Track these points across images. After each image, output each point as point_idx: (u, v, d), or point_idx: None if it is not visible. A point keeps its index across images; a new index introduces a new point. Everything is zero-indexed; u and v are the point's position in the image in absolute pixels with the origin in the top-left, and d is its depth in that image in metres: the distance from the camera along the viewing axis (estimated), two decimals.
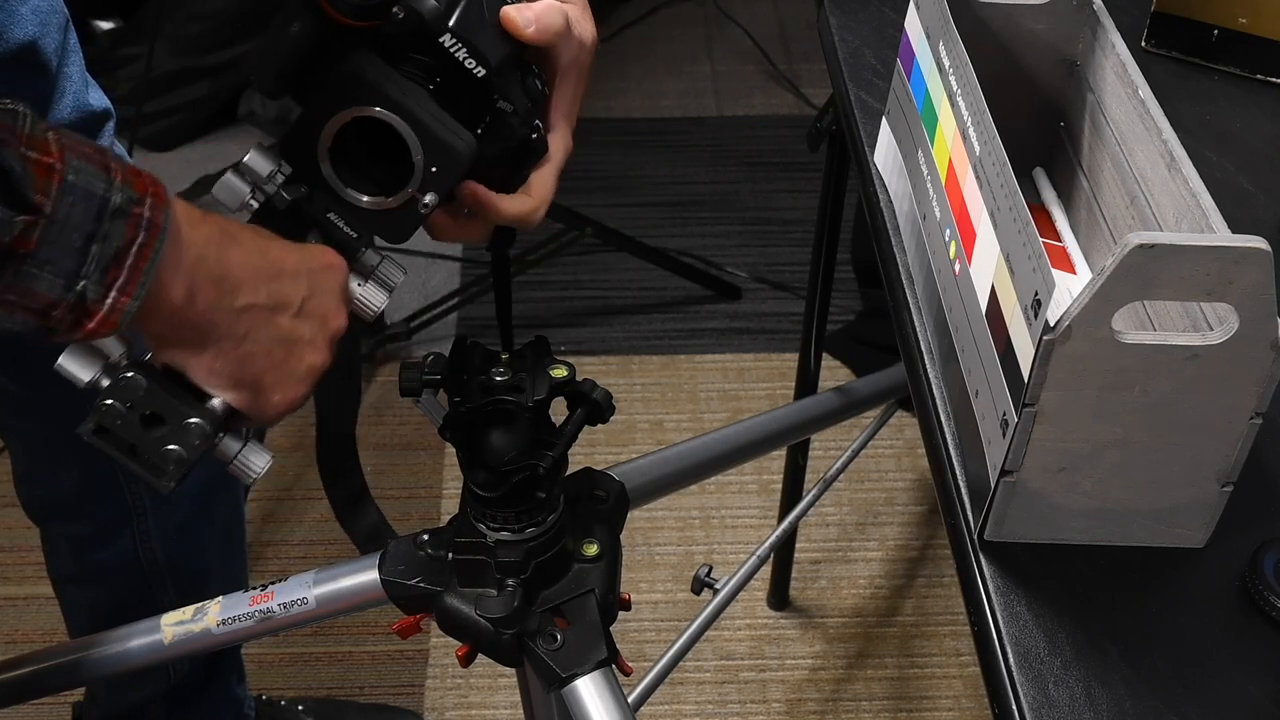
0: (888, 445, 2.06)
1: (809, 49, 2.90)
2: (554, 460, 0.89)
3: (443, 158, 0.76)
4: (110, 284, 0.63)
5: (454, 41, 0.77)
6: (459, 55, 0.77)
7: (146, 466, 0.73)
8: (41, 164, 0.60)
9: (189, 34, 2.52)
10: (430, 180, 0.77)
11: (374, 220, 0.79)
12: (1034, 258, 0.75)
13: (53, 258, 0.61)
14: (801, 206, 2.50)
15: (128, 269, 0.63)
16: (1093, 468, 0.77)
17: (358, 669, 1.79)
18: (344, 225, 0.79)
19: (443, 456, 2.04)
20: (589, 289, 2.34)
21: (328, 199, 0.79)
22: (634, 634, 1.81)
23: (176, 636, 1.07)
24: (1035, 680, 0.75)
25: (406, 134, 0.76)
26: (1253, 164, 1.08)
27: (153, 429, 0.72)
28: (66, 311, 0.62)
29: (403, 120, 0.76)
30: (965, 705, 1.75)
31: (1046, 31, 0.98)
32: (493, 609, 0.90)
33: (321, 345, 0.74)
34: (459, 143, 0.76)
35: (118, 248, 0.63)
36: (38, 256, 0.60)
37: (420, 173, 0.76)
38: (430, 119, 0.76)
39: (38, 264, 0.60)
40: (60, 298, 0.62)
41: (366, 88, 0.76)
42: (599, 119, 2.73)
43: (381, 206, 0.78)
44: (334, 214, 0.79)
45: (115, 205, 0.63)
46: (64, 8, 1.04)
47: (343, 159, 0.78)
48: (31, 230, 0.60)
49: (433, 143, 0.76)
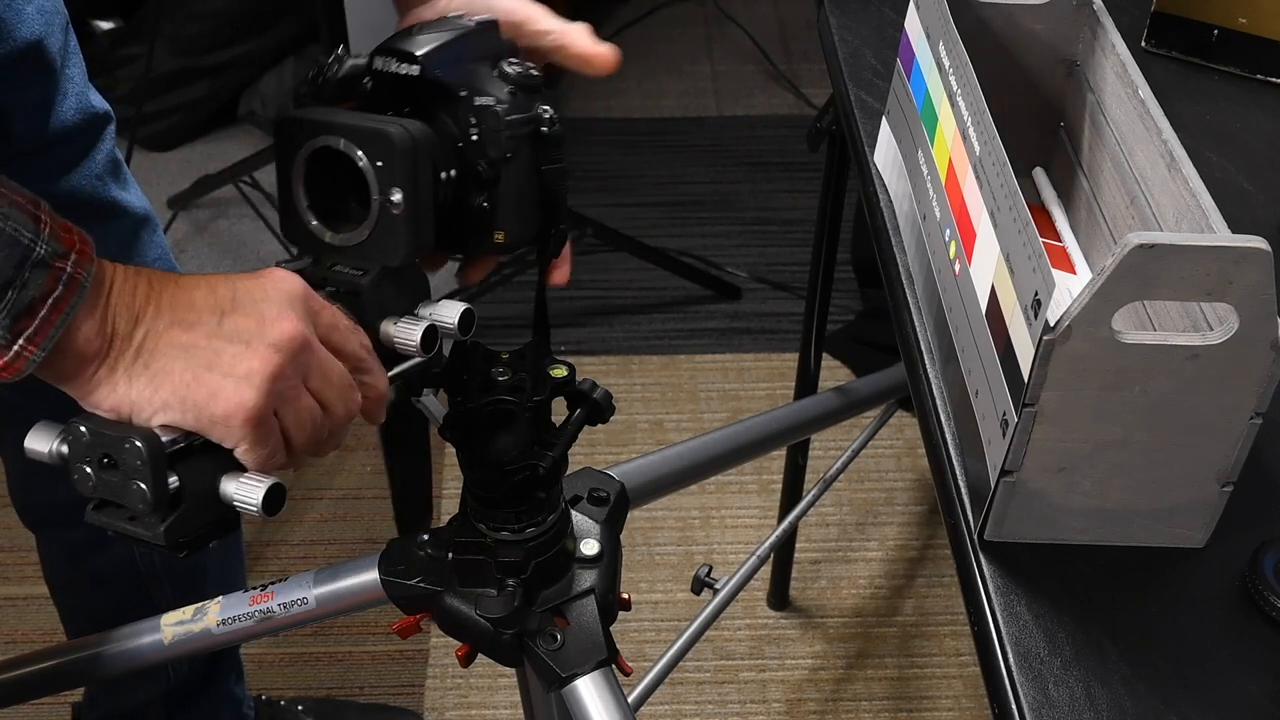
0: (888, 445, 2.06)
1: (809, 49, 2.90)
2: (554, 460, 0.89)
3: (381, 146, 0.75)
4: (19, 332, 0.63)
5: (381, 59, 0.79)
6: (390, 68, 0.79)
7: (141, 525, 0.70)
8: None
9: (189, 34, 2.52)
10: (385, 175, 0.76)
11: (370, 251, 0.78)
12: (1034, 258, 0.75)
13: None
14: (801, 206, 2.50)
15: (40, 319, 0.64)
16: (1093, 468, 0.77)
17: (358, 669, 1.79)
18: (350, 269, 0.78)
19: (443, 456, 2.04)
20: (589, 289, 2.34)
21: (330, 255, 0.79)
22: (634, 634, 1.81)
23: (176, 636, 1.07)
24: (1035, 680, 0.75)
25: (342, 144, 0.76)
26: (1253, 164, 1.08)
27: (112, 474, 0.69)
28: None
29: (332, 133, 0.76)
30: (965, 705, 1.75)
31: (1046, 31, 0.98)
32: (493, 609, 0.90)
33: (260, 349, 0.69)
34: (390, 126, 0.75)
35: (33, 298, 0.63)
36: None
37: (372, 173, 0.76)
38: (359, 120, 0.76)
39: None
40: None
41: (296, 126, 0.77)
42: (599, 119, 2.73)
43: (366, 234, 0.77)
44: (340, 265, 0.79)
45: (38, 256, 0.63)
46: (64, 8, 1.04)
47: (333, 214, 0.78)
48: None
49: (366, 138, 0.75)
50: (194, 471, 0.70)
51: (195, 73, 2.57)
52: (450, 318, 0.81)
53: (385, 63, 0.79)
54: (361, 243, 0.78)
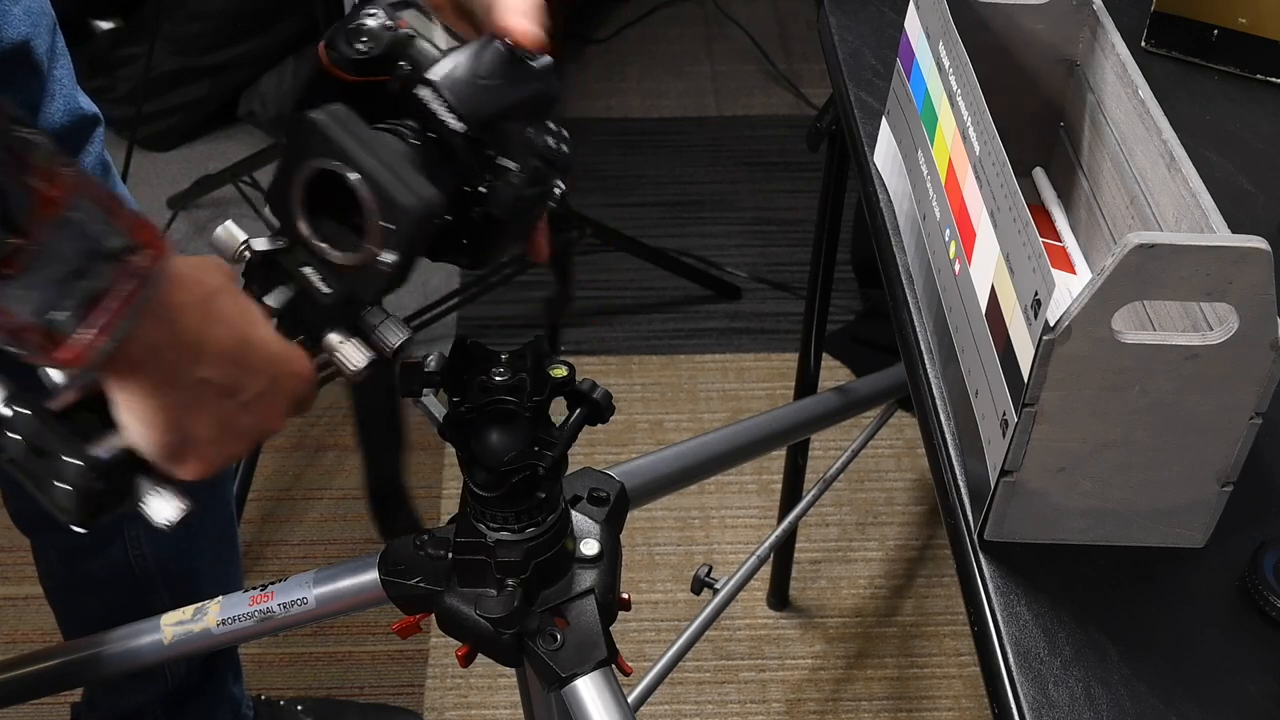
0: (888, 445, 2.06)
1: (809, 49, 2.90)
2: (554, 460, 0.89)
3: (395, 213, 0.72)
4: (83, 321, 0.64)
5: (432, 94, 0.76)
6: (436, 109, 0.76)
7: (53, 504, 0.72)
8: (45, 196, 0.62)
9: (189, 34, 2.52)
10: (389, 236, 0.73)
11: (345, 278, 0.76)
12: (1034, 258, 0.75)
13: (36, 284, 0.63)
14: (801, 206, 2.50)
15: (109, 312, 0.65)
16: (1092, 468, 0.77)
17: (358, 669, 1.79)
18: (319, 280, 0.76)
19: (443, 456, 2.04)
20: (589, 289, 2.34)
21: (303, 252, 0.76)
22: (634, 634, 1.81)
23: (176, 636, 1.07)
24: (1035, 680, 0.75)
25: (359, 188, 0.72)
26: (1253, 164, 1.08)
27: (43, 463, 0.71)
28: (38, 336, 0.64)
29: (354, 173, 0.72)
30: (965, 705, 1.75)
31: (1046, 31, 0.98)
32: (493, 609, 0.90)
33: (249, 440, 0.74)
34: (410, 199, 0.72)
35: (102, 289, 0.64)
36: (21, 280, 0.62)
37: (376, 228, 0.73)
38: (383, 172, 0.72)
39: (20, 287, 0.62)
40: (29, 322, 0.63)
41: (320, 139, 0.73)
42: (599, 119, 2.73)
43: (344, 262, 0.75)
44: (310, 268, 0.76)
45: (110, 249, 0.64)
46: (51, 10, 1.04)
47: (324, 212, 0.75)
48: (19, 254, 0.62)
49: (383, 197, 0.72)
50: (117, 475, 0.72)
51: (195, 73, 2.57)
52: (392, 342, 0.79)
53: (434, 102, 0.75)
54: (339, 265, 0.76)
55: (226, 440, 0.74)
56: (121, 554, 1.32)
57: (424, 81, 0.76)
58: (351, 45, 0.76)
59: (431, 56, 0.77)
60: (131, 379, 0.69)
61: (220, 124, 2.67)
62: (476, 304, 2.26)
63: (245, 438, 0.75)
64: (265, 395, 0.73)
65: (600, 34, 2.95)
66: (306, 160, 0.74)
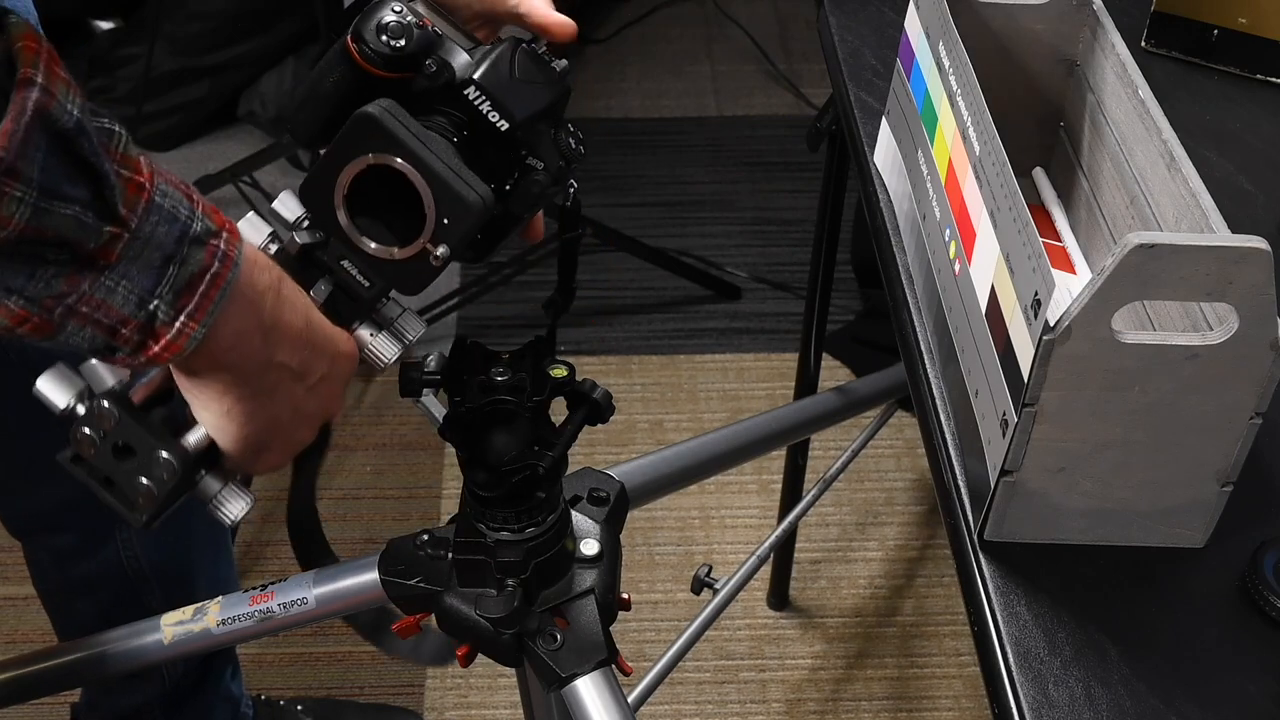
0: (888, 445, 2.06)
1: (809, 49, 2.90)
2: (554, 460, 0.89)
3: (456, 210, 0.74)
4: (181, 308, 0.64)
5: (477, 94, 0.77)
6: (482, 108, 0.77)
7: (120, 499, 0.72)
8: (133, 181, 0.62)
9: (189, 34, 2.52)
10: (443, 232, 0.75)
11: (387, 270, 0.77)
12: (1034, 258, 0.75)
13: (130, 274, 0.62)
14: (801, 206, 2.50)
15: (199, 296, 0.64)
16: (1093, 468, 0.77)
17: (358, 669, 1.79)
18: (357, 274, 0.78)
19: (443, 456, 2.04)
20: (589, 289, 2.34)
21: (342, 246, 0.77)
22: (634, 634, 1.81)
23: (176, 636, 1.07)
24: (1035, 680, 0.75)
25: (420, 184, 0.74)
26: (1253, 164, 1.08)
27: (124, 460, 0.71)
28: (135, 330, 0.64)
29: (416, 170, 0.74)
30: (965, 705, 1.75)
31: (1046, 31, 0.98)
32: (493, 609, 0.90)
33: (316, 424, 0.75)
34: (472, 196, 0.74)
35: (192, 273, 0.64)
36: (116, 270, 0.62)
37: (432, 224, 0.75)
38: (445, 170, 0.74)
39: (115, 277, 0.62)
40: (132, 315, 0.63)
41: (382, 134, 0.74)
42: (599, 119, 2.73)
43: (394, 256, 0.76)
44: (348, 262, 0.78)
45: (195, 233, 0.64)
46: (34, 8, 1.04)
47: (360, 206, 0.77)
48: (115, 243, 0.61)
49: (446, 194, 0.74)
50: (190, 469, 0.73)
51: (195, 73, 2.57)
52: (412, 335, 0.81)
53: (479, 99, 0.77)
54: (384, 261, 0.77)
55: (299, 426, 0.74)
56: (114, 556, 1.32)
57: (469, 81, 0.77)
58: (383, 41, 0.76)
59: (460, 56, 0.78)
60: (215, 370, 0.69)
61: (220, 124, 2.67)
62: (476, 304, 2.26)
63: (312, 422, 0.75)
64: (328, 378, 0.74)
65: (600, 34, 2.95)
66: (361, 154, 0.75)
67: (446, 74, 0.77)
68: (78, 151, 0.59)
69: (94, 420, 0.71)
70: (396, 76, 0.77)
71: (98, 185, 0.60)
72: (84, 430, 0.72)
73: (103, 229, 0.60)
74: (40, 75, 0.57)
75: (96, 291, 0.62)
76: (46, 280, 0.60)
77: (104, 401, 0.71)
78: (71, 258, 0.61)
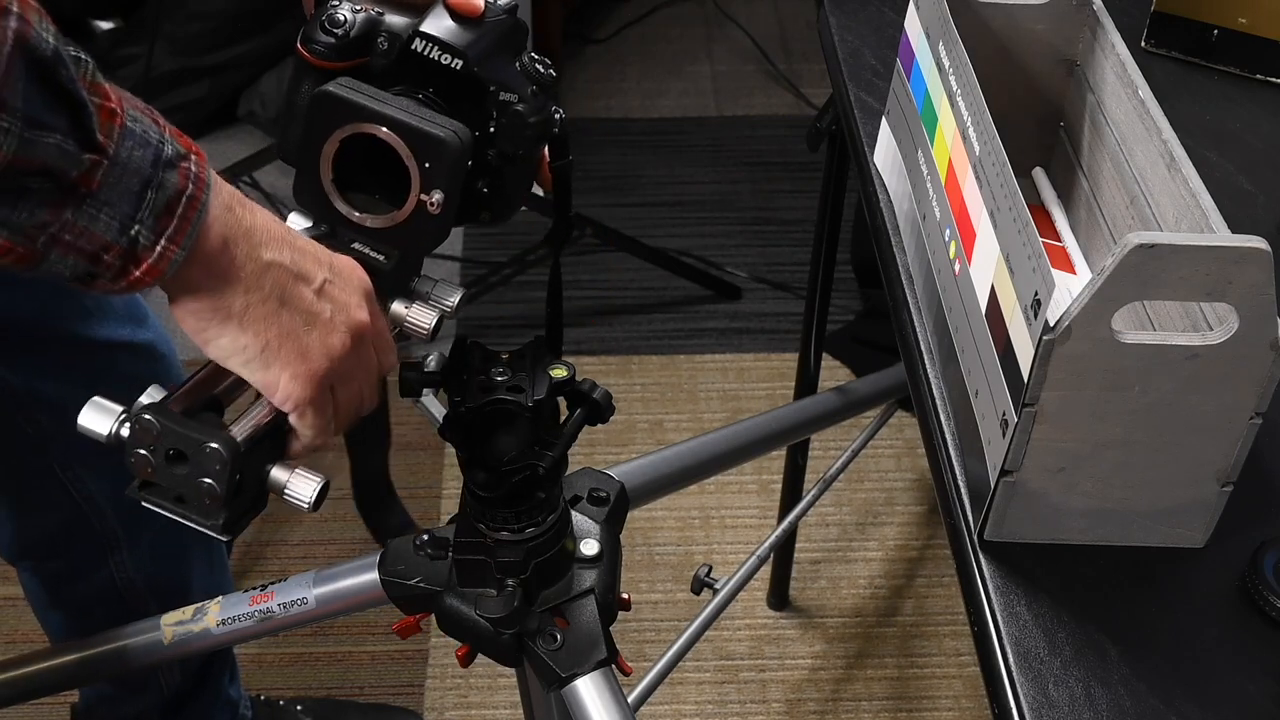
0: (888, 445, 2.06)
1: (809, 49, 2.90)
2: (554, 460, 0.89)
3: (432, 150, 0.76)
4: (161, 231, 0.65)
5: (424, 44, 0.79)
6: (432, 55, 0.79)
7: (197, 511, 0.73)
8: (105, 108, 0.62)
9: (189, 34, 2.52)
10: (429, 178, 0.76)
11: (397, 238, 0.79)
12: (1034, 258, 0.75)
13: (112, 200, 0.62)
14: (801, 206, 2.50)
15: (178, 218, 0.65)
16: (1093, 468, 0.77)
17: (358, 669, 1.79)
18: (371, 251, 0.79)
19: (443, 456, 2.04)
20: (589, 289, 2.34)
21: (349, 231, 0.79)
22: (634, 634, 1.81)
23: (176, 636, 1.07)
24: (1035, 680, 0.75)
25: (391, 139, 0.76)
26: (1253, 164, 1.08)
27: (179, 466, 0.72)
28: (117, 256, 0.64)
29: (384, 125, 0.76)
30: (965, 705, 1.75)
31: (1046, 31, 0.98)
32: (493, 609, 0.90)
33: (341, 329, 0.74)
34: (443, 131, 0.76)
35: (169, 197, 0.64)
36: (98, 197, 0.62)
37: (417, 173, 0.76)
38: (410, 117, 0.76)
39: (97, 205, 0.62)
40: (114, 240, 0.63)
41: (342, 106, 0.76)
42: (599, 119, 2.73)
43: (396, 222, 0.78)
44: (359, 243, 0.79)
45: (168, 156, 0.65)
46: None
47: (352, 186, 0.78)
48: (95, 170, 0.61)
49: (417, 138, 0.76)
50: (251, 465, 0.73)
51: (195, 73, 2.57)
52: (450, 301, 0.82)
53: (428, 48, 0.79)
54: (389, 228, 0.78)
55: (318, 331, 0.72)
56: (106, 578, 1.31)
57: (414, 35, 0.79)
58: (327, 30, 0.79)
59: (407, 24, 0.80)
60: (211, 284, 0.68)
61: (220, 124, 2.67)
62: (476, 304, 2.26)
63: (335, 328, 0.73)
64: (332, 281, 0.74)
65: (600, 34, 2.95)
66: (331, 132, 0.76)
67: (398, 43, 0.79)
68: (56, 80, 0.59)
69: (140, 437, 0.72)
70: (353, 64, 0.79)
71: (76, 113, 0.60)
72: (138, 452, 0.72)
73: (82, 157, 0.61)
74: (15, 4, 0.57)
75: (79, 219, 0.62)
76: (30, 210, 0.60)
77: (145, 415, 0.72)
78: (54, 187, 0.61)
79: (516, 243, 2.30)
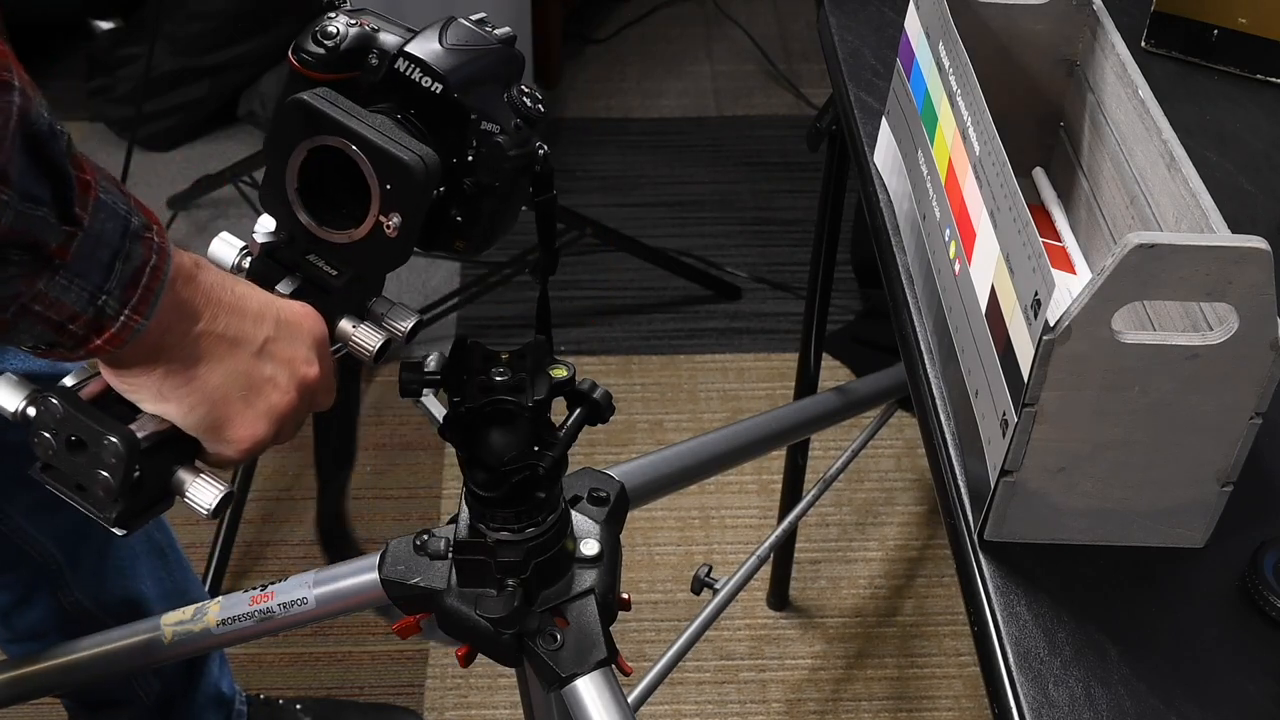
0: (888, 445, 2.06)
1: (809, 49, 2.90)
2: (554, 460, 0.89)
3: (396, 173, 0.75)
4: (126, 301, 0.65)
5: (408, 64, 0.78)
6: (414, 76, 0.78)
7: (92, 502, 0.72)
8: (81, 179, 0.63)
9: (189, 34, 2.52)
10: (390, 200, 0.75)
11: (352, 256, 0.78)
12: (1034, 258, 0.75)
13: (83, 270, 0.63)
14: (801, 206, 2.50)
15: (142, 289, 0.65)
16: (1093, 468, 0.77)
17: (358, 669, 1.79)
18: (324, 265, 0.79)
19: (443, 456, 2.04)
20: (589, 289, 2.34)
21: (307, 241, 0.79)
22: (634, 634, 1.81)
23: (176, 636, 1.07)
24: (1035, 680, 0.75)
25: (356, 156, 0.75)
26: (1253, 164, 1.08)
27: (78, 454, 0.71)
28: (82, 326, 0.64)
29: (350, 142, 0.75)
30: (965, 705, 1.75)
31: (1046, 31, 0.98)
32: (493, 609, 0.90)
33: (287, 389, 0.74)
34: (409, 155, 0.75)
35: (135, 268, 0.65)
36: (70, 268, 0.62)
37: (378, 193, 0.75)
38: (378, 136, 0.75)
39: (69, 275, 0.63)
40: (82, 310, 0.64)
41: (312, 117, 0.76)
42: (599, 119, 2.73)
43: (352, 239, 0.77)
44: (314, 255, 0.79)
45: (134, 227, 0.65)
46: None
47: (317, 199, 0.78)
48: (70, 241, 0.62)
49: (382, 159, 0.75)
50: (155, 464, 0.73)
51: (195, 73, 2.57)
52: (403, 326, 0.82)
53: (410, 69, 0.78)
54: (345, 245, 0.78)
55: (260, 392, 0.73)
56: (51, 605, 1.30)
57: (399, 55, 0.79)
58: (318, 41, 0.79)
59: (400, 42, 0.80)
60: (145, 357, 0.69)
61: (220, 124, 2.67)
62: (476, 304, 2.26)
63: (280, 388, 0.74)
64: (277, 340, 0.74)
65: (600, 34, 2.95)
66: (299, 142, 0.76)
67: (387, 61, 0.79)
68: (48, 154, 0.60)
69: (44, 420, 0.71)
70: (341, 77, 0.79)
71: (59, 186, 0.61)
72: (41, 434, 0.71)
73: (61, 229, 0.61)
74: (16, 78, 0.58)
75: (51, 290, 0.62)
76: (6, 281, 0.61)
77: (51, 399, 0.71)
78: (33, 259, 0.61)
79: (516, 243, 2.31)
